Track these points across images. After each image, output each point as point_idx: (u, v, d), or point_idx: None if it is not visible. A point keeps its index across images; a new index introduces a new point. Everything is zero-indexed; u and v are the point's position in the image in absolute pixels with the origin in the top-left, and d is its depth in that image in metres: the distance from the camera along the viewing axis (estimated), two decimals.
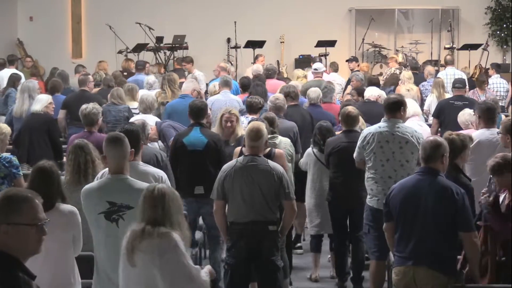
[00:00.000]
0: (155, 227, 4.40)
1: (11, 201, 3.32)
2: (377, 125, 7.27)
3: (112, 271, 4.98)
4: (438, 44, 19.80)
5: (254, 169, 6.21)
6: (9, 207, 3.30)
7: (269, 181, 6.16)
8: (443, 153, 5.52)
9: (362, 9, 20.09)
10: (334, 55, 18.50)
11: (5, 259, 3.26)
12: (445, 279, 5.41)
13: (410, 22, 20.61)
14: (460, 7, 20.09)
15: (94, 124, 8.19)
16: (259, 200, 6.16)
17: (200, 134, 7.71)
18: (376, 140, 7.07)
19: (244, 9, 19.71)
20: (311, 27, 19.45)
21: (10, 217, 3.29)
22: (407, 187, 5.57)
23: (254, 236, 6.18)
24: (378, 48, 19.82)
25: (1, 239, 3.27)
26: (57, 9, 20.05)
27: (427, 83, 13.34)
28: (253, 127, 6.36)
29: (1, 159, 7.11)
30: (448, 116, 9.93)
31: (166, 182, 5.71)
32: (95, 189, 5.16)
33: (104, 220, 5.05)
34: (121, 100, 10.53)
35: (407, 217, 5.51)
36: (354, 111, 7.95)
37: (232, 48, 19.57)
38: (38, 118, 9.39)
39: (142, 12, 19.21)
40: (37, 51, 19.00)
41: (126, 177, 5.15)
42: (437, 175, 5.50)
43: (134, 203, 4.90)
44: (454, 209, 5.39)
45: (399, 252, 5.57)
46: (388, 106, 7.25)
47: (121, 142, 5.21)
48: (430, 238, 5.43)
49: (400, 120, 7.22)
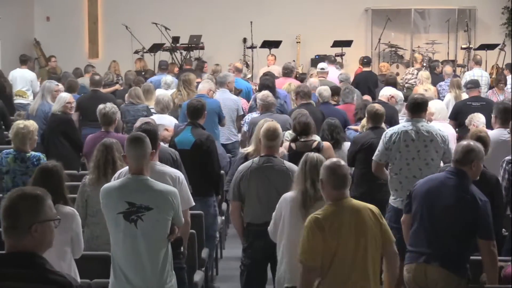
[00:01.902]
0: None
1: (38, 200, 3.33)
2: (401, 125, 7.28)
3: (129, 271, 5.03)
4: (454, 44, 19.70)
5: (270, 170, 6.19)
6: (38, 206, 3.32)
7: (285, 182, 6.08)
8: (473, 159, 5.45)
9: (378, 9, 20.01)
10: (350, 55, 18.54)
11: (42, 259, 3.31)
12: (456, 280, 5.36)
13: (427, 22, 20.46)
14: (476, 7, 19.95)
15: (111, 123, 8.21)
16: (275, 201, 6.02)
17: (190, 133, 7.73)
18: (402, 139, 7.05)
19: (260, 9, 19.68)
20: (327, 27, 19.40)
21: (41, 216, 3.31)
22: (432, 182, 5.53)
23: (270, 237, 6.05)
24: (394, 48, 19.76)
25: (30, 239, 3.29)
26: (73, 9, 20.07)
27: (444, 83, 13.32)
28: (270, 127, 6.33)
29: (31, 157, 7.29)
30: (464, 117, 9.73)
31: (183, 182, 5.72)
32: (115, 189, 5.14)
33: (123, 220, 5.04)
34: (139, 99, 10.57)
35: (425, 213, 5.46)
36: (381, 109, 8.06)
37: (248, 48, 19.54)
38: (54, 119, 9.51)
39: (159, 12, 19.22)
40: (54, 51, 18.93)
41: (146, 178, 5.13)
42: (465, 178, 5.43)
43: (154, 204, 5.00)
44: (475, 215, 5.33)
45: (412, 247, 5.51)
46: (413, 106, 7.23)
47: (142, 142, 5.18)
48: (445, 238, 5.38)
49: (423, 119, 7.23)
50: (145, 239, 5.02)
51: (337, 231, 4.74)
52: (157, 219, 5.04)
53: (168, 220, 5.10)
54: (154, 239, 5.06)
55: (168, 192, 5.11)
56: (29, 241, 3.28)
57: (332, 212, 4.79)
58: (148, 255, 5.04)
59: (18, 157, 7.32)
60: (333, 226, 4.74)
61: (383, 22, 19.72)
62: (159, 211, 5.04)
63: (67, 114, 9.60)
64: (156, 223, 5.05)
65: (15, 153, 7.33)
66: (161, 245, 5.10)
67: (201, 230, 7.02)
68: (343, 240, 4.75)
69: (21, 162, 7.31)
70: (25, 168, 7.29)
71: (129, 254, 5.04)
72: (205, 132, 7.86)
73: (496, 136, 7.78)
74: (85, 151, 8.35)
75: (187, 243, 5.84)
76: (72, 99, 9.84)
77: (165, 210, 5.07)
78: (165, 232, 5.10)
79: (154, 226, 5.04)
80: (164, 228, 5.09)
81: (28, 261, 3.26)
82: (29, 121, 7.72)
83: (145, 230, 5.01)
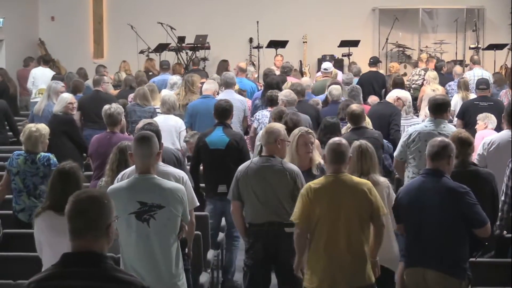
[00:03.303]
0: None
1: (108, 200, 3.46)
2: (423, 124, 7.44)
3: (143, 271, 5.05)
4: (463, 44, 19.60)
5: (268, 170, 6.16)
6: (109, 205, 3.45)
7: (282, 182, 6.10)
8: (450, 153, 5.48)
9: (385, 9, 19.92)
10: (358, 55, 18.43)
11: (109, 259, 3.43)
12: (456, 282, 5.36)
13: (435, 22, 20.38)
14: (485, 7, 19.86)
15: (117, 124, 8.14)
16: (273, 201, 6.12)
17: (222, 133, 7.82)
18: (423, 139, 7.12)
19: (266, 9, 19.60)
20: (334, 26, 19.31)
21: (112, 216, 3.45)
22: (412, 189, 5.56)
23: (270, 238, 6.13)
24: (402, 48, 19.66)
25: (106, 239, 3.42)
26: (78, 9, 20.03)
27: (454, 83, 13.25)
28: (270, 127, 6.35)
29: (40, 158, 7.33)
30: (472, 117, 9.92)
31: (187, 182, 5.70)
32: (124, 189, 5.16)
33: (135, 220, 5.06)
34: (146, 101, 10.52)
35: (414, 220, 5.49)
36: (358, 109, 8.21)
37: (254, 48, 19.46)
38: (56, 120, 9.45)
39: (164, 12, 19.15)
40: (59, 51, 19.03)
41: (154, 176, 5.17)
42: (441, 176, 5.44)
43: (165, 202, 5.07)
44: (460, 208, 5.35)
45: (409, 252, 5.57)
46: (435, 106, 7.35)
47: (149, 141, 5.21)
48: (437, 241, 5.39)
49: (445, 120, 7.34)
50: (158, 237, 5.07)
51: (321, 199, 5.38)
52: (168, 217, 5.09)
53: (178, 217, 5.15)
54: (167, 237, 5.10)
55: (177, 190, 5.17)
56: (105, 242, 3.40)
57: (325, 182, 5.46)
58: (161, 254, 5.08)
59: (28, 158, 7.35)
60: (320, 194, 5.38)
61: (390, 21, 19.64)
62: (170, 209, 5.09)
63: (69, 114, 9.56)
64: (168, 221, 5.10)
65: (25, 155, 7.37)
66: (173, 243, 5.14)
67: (206, 231, 7.07)
68: (325, 208, 5.36)
69: (31, 164, 7.33)
70: (35, 169, 7.32)
71: (142, 254, 5.07)
72: (237, 132, 8.13)
73: (505, 136, 7.75)
74: (90, 152, 8.30)
75: (192, 244, 5.86)
76: (74, 100, 9.80)
77: (176, 207, 5.12)
78: (176, 230, 5.15)
79: (166, 224, 5.09)
80: (175, 225, 5.15)
81: (99, 260, 3.34)
82: (41, 124, 7.76)
83: (158, 228, 5.05)
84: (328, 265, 5.37)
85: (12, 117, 11.31)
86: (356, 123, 8.08)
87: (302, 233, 5.47)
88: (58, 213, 5.05)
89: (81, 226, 3.36)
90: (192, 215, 5.67)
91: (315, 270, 5.42)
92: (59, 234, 4.73)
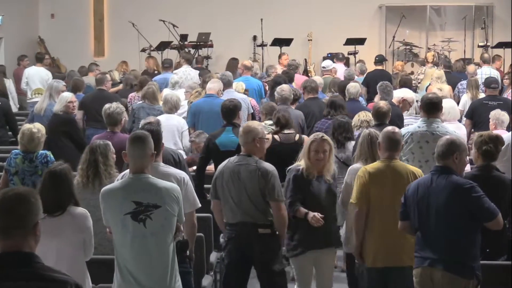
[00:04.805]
0: None
1: (36, 199, 3.36)
2: (416, 125, 7.28)
3: (139, 271, 5.02)
4: (471, 42, 19.49)
5: (241, 168, 6.11)
6: (38, 205, 3.35)
7: (253, 181, 6.04)
8: (455, 150, 5.42)
9: (392, 6, 19.83)
10: (364, 53, 18.33)
11: (39, 258, 3.33)
12: (463, 282, 5.29)
13: (442, 19, 20.26)
14: (494, 4, 19.74)
15: (117, 124, 8.10)
16: (246, 201, 6.07)
17: (232, 134, 7.77)
18: (415, 140, 7.06)
19: (271, 6, 19.48)
20: (339, 24, 19.17)
21: (40, 215, 3.36)
22: (421, 186, 5.50)
23: (243, 238, 6.10)
24: (409, 46, 19.50)
25: (33, 238, 3.32)
26: (79, 7, 20.01)
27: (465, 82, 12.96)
28: (248, 127, 6.26)
29: (38, 156, 7.42)
30: (481, 116, 9.97)
31: (188, 183, 5.68)
32: (118, 190, 5.11)
33: (131, 220, 5.00)
34: (155, 100, 10.42)
35: (423, 217, 5.44)
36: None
37: (258, 46, 19.33)
38: (56, 119, 9.43)
39: (166, 9, 19.07)
40: (59, 49, 19.09)
41: (148, 176, 5.10)
42: (450, 173, 5.39)
43: (161, 202, 5.01)
44: (468, 205, 5.30)
45: (417, 252, 5.52)
46: (427, 106, 7.21)
47: (142, 141, 5.14)
48: (445, 239, 5.34)
49: (439, 120, 7.24)
50: (155, 238, 5.03)
51: (376, 182, 5.86)
52: (165, 216, 5.05)
53: (174, 217, 5.10)
54: (163, 237, 5.06)
55: (172, 189, 5.12)
56: (32, 240, 3.31)
57: (379, 166, 5.94)
58: (157, 254, 5.05)
59: (26, 157, 7.42)
60: (374, 177, 5.86)
61: (397, 19, 19.49)
62: (167, 208, 5.04)
63: (69, 114, 9.50)
64: (165, 221, 5.05)
65: (23, 154, 7.44)
66: (169, 243, 5.11)
67: (209, 233, 7.05)
68: (379, 191, 5.85)
69: (29, 163, 7.41)
70: (33, 168, 7.41)
71: (138, 255, 5.02)
72: None
73: None
74: None
75: (194, 246, 5.85)
76: (74, 99, 9.75)
77: (172, 207, 5.07)
78: (172, 230, 5.12)
79: (163, 224, 5.05)
80: (172, 225, 5.11)
81: (30, 260, 3.27)
82: (37, 123, 7.81)
83: (154, 229, 5.01)
84: (381, 244, 5.84)
85: (13, 117, 11.28)
86: (379, 119, 8.01)
87: (361, 212, 5.89)
88: (49, 215, 5.08)
89: (8, 224, 3.27)
90: (194, 217, 5.70)
91: (370, 248, 5.89)
92: (47, 236, 4.60)
